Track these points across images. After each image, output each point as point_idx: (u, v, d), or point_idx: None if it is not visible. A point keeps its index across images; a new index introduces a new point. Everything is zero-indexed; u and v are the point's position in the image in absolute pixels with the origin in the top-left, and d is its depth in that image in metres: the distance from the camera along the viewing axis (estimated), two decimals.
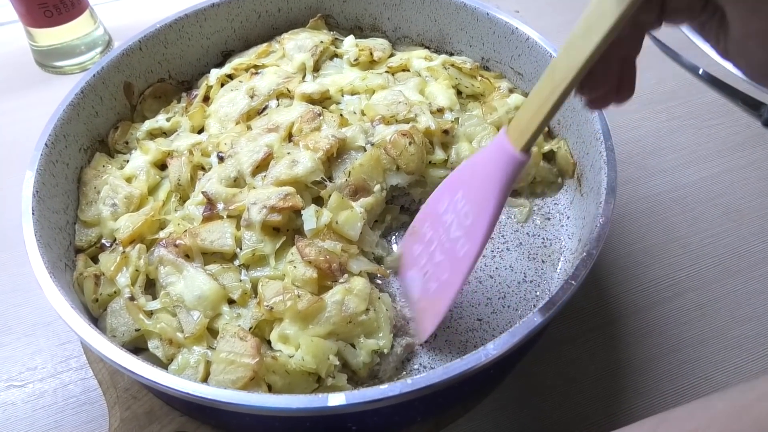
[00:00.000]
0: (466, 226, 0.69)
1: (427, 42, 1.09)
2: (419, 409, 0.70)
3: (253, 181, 0.80)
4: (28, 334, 0.87)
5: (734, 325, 0.87)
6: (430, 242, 0.77)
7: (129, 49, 0.92)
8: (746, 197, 1.02)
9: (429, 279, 0.76)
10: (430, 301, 0.76)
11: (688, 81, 1.22)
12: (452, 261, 0.72)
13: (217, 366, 0.66)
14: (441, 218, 0.74)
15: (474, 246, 0.68)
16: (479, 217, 0.67)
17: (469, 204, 0.68)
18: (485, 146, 0.67)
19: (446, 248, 0.73)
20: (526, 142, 0.60)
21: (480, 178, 0.66)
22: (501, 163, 0.63)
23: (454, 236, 0.71)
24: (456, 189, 0.72)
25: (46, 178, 0.78)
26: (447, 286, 0.72)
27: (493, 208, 0.65)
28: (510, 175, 0.63)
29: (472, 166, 0.69)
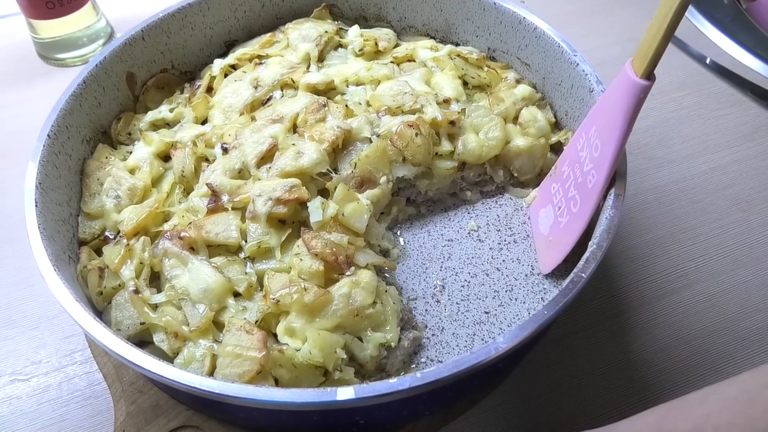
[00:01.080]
0: (596, 157, 0.72)
1: (432, 32, 1.07)
2: (428, 402, 0.70)
3: (257, 172, 0.79)
4: (33, 328, 0.87)
5: (744, 317, 0.86)
6: (567, 179, 0.80)
7: (131, 38, 0.91)
8: (756, 187, 1.01)
9: (562, 213, 0.80)
10: (561, 234, 0.79)
11: (697, 71, 1.21)
12: (583, 193, 0.75)
13: (224, 359, 0.66)
14: (578, 155, 0.77)
15: (602, 175, 0.71)
16: (606, 146, 0.70)
17: (600, 137, 0.71)
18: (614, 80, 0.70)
19: (579, 182, 0.76)
20: (646, 66, 0.63)
21: (609, 109, 0.70)
22: (625, 91, 0.66)
23: (587, 169, 0.74)
24: (590, 125, 0.75)
25: (49, 169, 0.77)
26: (577, 218, 0.76)
27: (619, 135, 0.68)
28: (634, 101, 0.66)
29: (604, 100, 0.72)
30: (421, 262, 0.86)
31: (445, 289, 0.83)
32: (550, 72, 0.93)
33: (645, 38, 0.63)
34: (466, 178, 0.91)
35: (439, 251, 0.87)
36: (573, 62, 0.86)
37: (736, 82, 1.18)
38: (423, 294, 0.83)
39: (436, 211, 0.93)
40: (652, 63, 0.63)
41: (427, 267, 0.86)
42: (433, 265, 0.86)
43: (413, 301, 0.82)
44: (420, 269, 0.85)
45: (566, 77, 0.89)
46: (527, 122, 0.90)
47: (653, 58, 0.63)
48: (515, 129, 0.91)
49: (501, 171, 0.92)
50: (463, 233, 0.89)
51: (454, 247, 0.88)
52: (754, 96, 1.15)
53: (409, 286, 0.84)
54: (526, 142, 0.89)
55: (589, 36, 1.28)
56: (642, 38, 0.64)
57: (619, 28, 1.30)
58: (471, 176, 0.91)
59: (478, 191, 0.93)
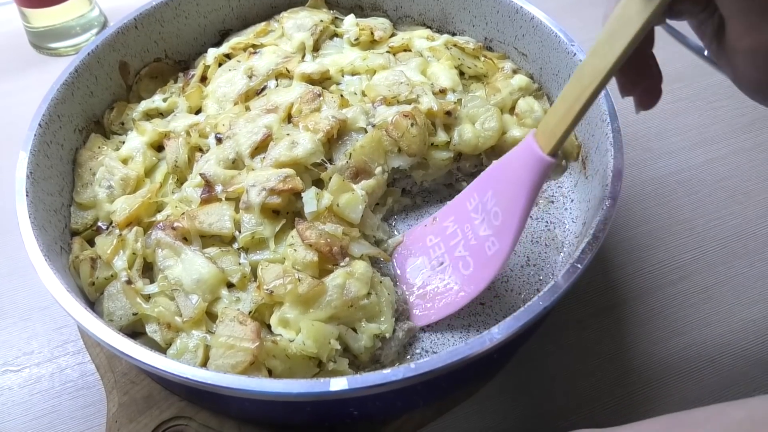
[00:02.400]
0: (496, 226, 0.70)
1: (429, 21, 1.06)
2: (422, 393, 0.69)
3: (252, 162, 0.79)
4: (24, 319, 0.86)
5: (740, 308, 0.86)
6: (452, 236, 0.78)
7: (124, 27, 0.90)
8: (753, 179, 1.01)
9: (444, 270, 0.78)
10: (441, 292, 0.77)
11: (694, 63, 1.20)
12: (479, 258, 0.73)
13: (217, 350, 0.65)
14: (468, 215, 0.75)
15: (505, 245, 0.69)
16: (509, 218, 0.68)
17: (499, 204, 0.70)
18: (514, 148, 0.68)
19: (472, 245, 0.74)
20: (554, 145, 0.61)
21: (509, 179, 0.68)
22: (529, 165, 0.64)
23: (483, 235, 0.73)
24: (486, 188, 0.73)
25: (41, 159, 0.76)
26: (470, 281, 0.75)
27: (522, 209, 0.66)
28: (538, 177, 0.64)
29: (502, 167, 0.70)
30: None
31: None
32: (547, 62, 0.92)
33: (552, 114, 0.60)
34: (462, 168, 0.91)
35: None
36: (570, 52, 0.86)
37: None
38: None
39: (431, 202, 0.92)
40: (560, 143, 0.61)
41: None
42: None
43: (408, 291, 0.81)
44: None
45: (563, 67, 0.88)
46: (524, 113, 0.89)
47: (562, 138, 0.60)
48: (512, 119, 0.90)
49: None
50: None
51: None
52: None
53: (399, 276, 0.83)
54: (523, 132, 0.88)
55: (586, 26, 1.26)
56: (548, 111, 0.62)
57: None
58: (467, 167, 0.90)
59: None
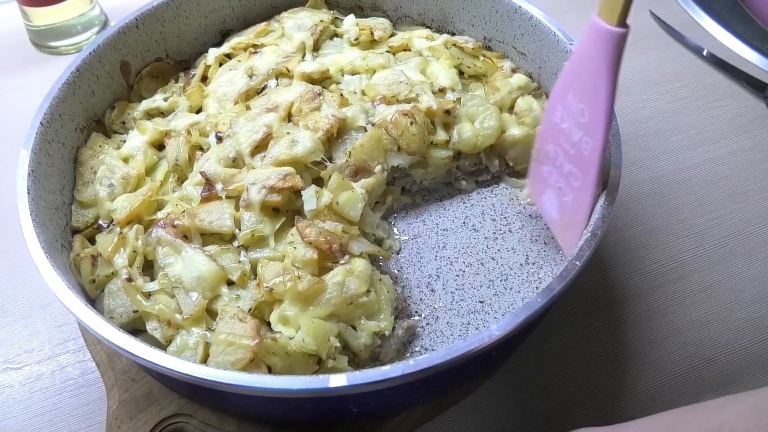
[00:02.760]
0: (584, 123, 0.67)
1: (428, 21, 1.07)
2: (421, 391, 0.69)
3: (252, 161, 0.79)
4: (25, 316, 0.86)
5: (738, 308, 0.86)
6: (555, 157, 0.74)
7: (125, 27, 0.91)
8: (751, 179, 1.01)
9: (563, 193, 0.75)
10: (571, 213, 0.74)
11: (693, 62, 1.20)
12: (581, 165, 0.70)
13: (217, 347, 0.66)
14: (559, 128, 0.72)
15: (598, 138, 0.66)
16: (595, 108, 0.65)
17: (582, 100, 0.66)
18: (582, 40, 0.65)
19: (572, 155, 0.71)
20: (620, 13, 0.59)
21: (585, 69, 0.64)
22: (601, 44, 0.61)
23: (576, 139, 0.69)
24: (566, 92, 0.69)
25: (42, 157, 0.76)
26: (582, 191, 0.71)
27: (607, 92, 0.63)
28: (614, 52, 0.61)
29: (575, 64, 0.67)
30: (416, 251, 0.86)
31: (440, 278, 0.83)
32: (545, 61, 0.92)
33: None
34: (462, 167, 0.91)
35: (434, 240, 0.87)
36: (569, 51, 0.86)
37: (733, 73, 1.17)
38: (418, 283, 0.82)
39: (431, 201, 0.92)
40: (626, 8, 0.59)
41: (422, 256, 0.85)
42: (428, 254, 0.86)
43: (408, 290, 0.82)
44: (415, 258, 0.85)
45: (562, 66, 0.88)
46: (523, 111, 0.90)
47: (626, 4, 0.58)
48: (511, 118, 0.90)
49: (496, 160, 0.91)
50: (458, 222, 0.89)
51: (449, 237, 0.87)
52: (751, 88, 1.15)
53: (403, 275, 0.83)
54: (522, 131, 0.89)
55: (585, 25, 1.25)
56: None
57: None
58: (466, 165, 0.91)
59: (473, 181, 0.93)
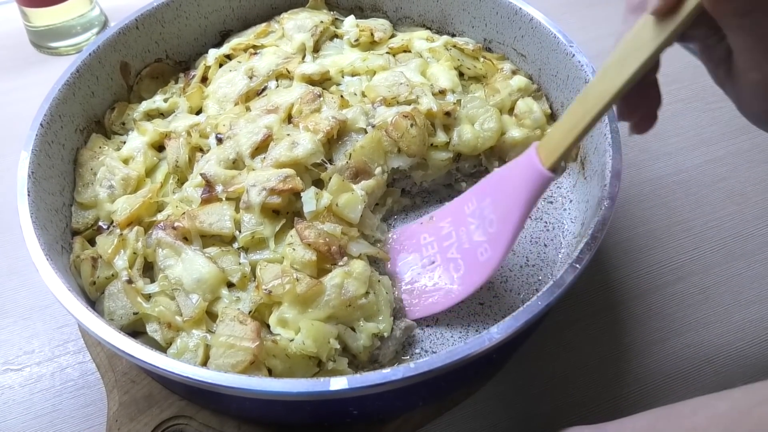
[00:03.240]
0: (490, 233, 0.71)
1: (428, 23, 1.07)
2: (421, 393, 0.69)
3: (252, 162, 0.79)
4: (25, 318, 0.86)
5: (737, 309, 0.86)
6: (446, 237, 0.78)
7: (125, 27, 0.91)
8: (750, 180, 1.01)
9: (433, 269, 0.78)
10: (430, 291, 0.78)
11: (692, 63, 1.20)
12: (470, 263, 0.74)
13: (217, 350, 0.66)
14: (465, 218, 0.76)
15: (497, 253, 0.70)
16: (503, 228, 0.69)
17: (495, 212, 0.70)
18: (516, 158, 0.69)
19: (465, 249, 0.75)
20: (555, 161, 0.62)
21: (508, 189, 0.68)
22: (528, 178, 0.65)
23: (477, 240, 0.73)
24: (485, 195, 0.73)
25: (42, 158, 0.76)
26: (460, 283, 0.75)
27: (517, 220, 0.67)
28: (536, 190, 0.65)
29: (502, 176, 0.71)
30: None
31: None
32: (546, 63, 0.92)
33: (556, 129, 0.61)
34: (462, 169, 0.91)
35: None
36: (569, 53, 0.86)
37: None
38: None
39: (431, 202, 0.92)
40: (561, 159, 0.61)
41: None
42: None
43: None
44: None
45: (562, 68, 0.89)
46: (523, 113, 0.90)
47: (562, 155, 0.61)
48: (511, 120, 0.90)
49: (496, 162, 0.91)
50: None
51: None
52: None
53: None
54: (522, 133, 0.89)
55: (585, 27, 1.28)
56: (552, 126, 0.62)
57: (615, 19, 1.27)
58: (466, 167, 0.91)
59: (473, 182, 0.92)
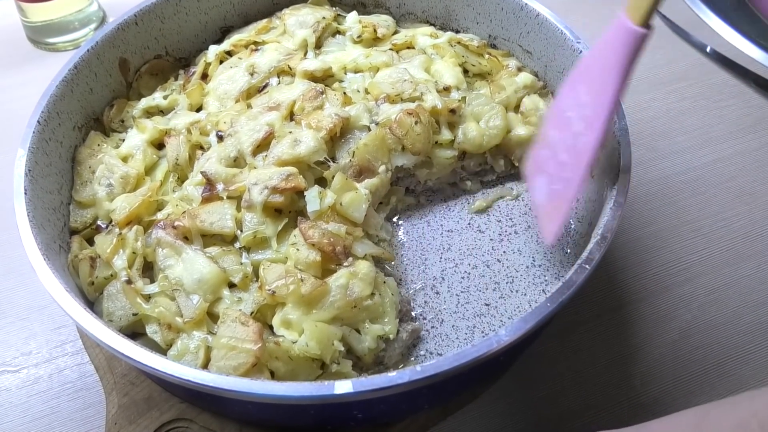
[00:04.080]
0: (587, 116, 0.66)
1: (432, 19, 1.05)
2: (427, 396, 0.68)
3: (253, 161, 0.78)
4: (23, 318, 0.85)
5: (747, 311, 0.85)
6: (555, 143, 0.73)
7: (124, 23, 0.89)
8: (759, 180, 1.00)
9: (553, 180, 0.73)
10: (557, 202, 0.73)
11: (699, 61, 1.19)
12: (574, 156, 0.69)
13: (218, 352, 0.64)
14: (565, 115, 0.71)
15: (594, 133, 0.64)
16: (599, 103, 0.64)
17: (590, 93, 0.65)
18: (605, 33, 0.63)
19: (569, 145, 0.70)
20: (645, 13, 0.58)
21: (600, 63, 0.64)
22: (620, 40, 0.60)
23: (577, 130, 0.68)
24: (577, 82, 0.69)
25: (39, 156, 0.75)
26: (569, 183, 0.70)
27: (614, 89, 0.62)
28: (631, 50, 0.60)
29: (592, 56, 0.66)
30: (421, 253, 0.85)
31: (445, 280, 0.81)
32: (552, 60, 0.91)
33: None
34: (467, 167, 0.90)
35: (439, 242, 0.86)
36: (576, 50, 0.85)
37: (739, 72, 1.16)
38: (422, 285, 0.81)
39: (435, 201, 0.91)
40: (652, 9, 0.58)
41: (427, 258, 0.84)
42: (433, 256, 0.84)
43: (412, 292, 0.80)
44: (419, 260, 0.84)
45: (569, 65, 0.87)
46: (529, 111, 0.89)
47: (653, 3, 0.57)
48: (516, 118, 0.89)
49: (502, 160, 0.90)
50: (463, 224, 0.88)
51: (454, 238, 0.86)
52: (757, 87, 1.13)
53: (408, 278, 0.82)
54: (528, 131, 0.87)
55: (591, 23, 1.26)
56: None
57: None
58: (471, 166, 0.90)
59: (478, 181, 0.91)
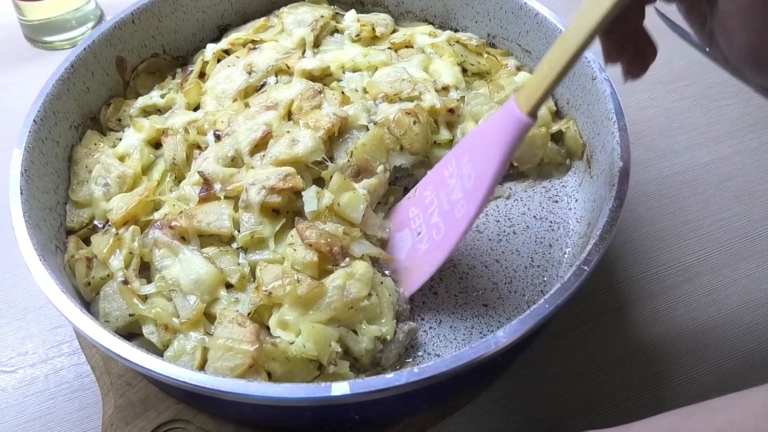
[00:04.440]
0: (468, 188, 0.70)
1: (431, 17, 1.05)
2: (425, 398, 0.68)
3: (251, 160, 0.77)
4: (19, 318, 0.85)
5: (746, 311, 0.84)
6: (429, 204, 0.77)
7: (121, 21, 0.89)
8: (758, 180, 0.99)
9: (421, 239, 0.77)
10: (419, 261, 0.76)
11: (699, 60, 1.19)
12: (448, 223, 0.72)
13: (215, 353, 0.64)
14: (445, 182, 0.74)
15: (472, 207, 0.69)
16: (480, 179, 0.67)
17: (474, 167, 0.69)
18: (495, 113, 0.68)
19: (445, 211, 0.73)
20: (533, 105, 0.61)
21: (486, 141, 0.67)
22: (507, 125, 0.64)
23: (455, 199, 0.72)
24: (463, 153, 0.72)
25: (35, 156, 0.74)
26: (439, 246, 0.73)
27: (495, 169, 0.66)
28: (514, 137, 0.64)
29: (480, 132, 0.70)
30: None
31: (443, 281, 0.81)
32: None
33: (534, 75, 0.61)
34: None
35: None
36: None
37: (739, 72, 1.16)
38: None
39: None
40: (539, 102, 0.61)
41: None
42: None
43: None
44: None
45: None
46: None
47: (541, 98, 0.61)
48: None
49: None
50: None
51: None
52: (756, 86, 1.13)
53: None
54: None
55: None
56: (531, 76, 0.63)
57: None
58: None
59: None
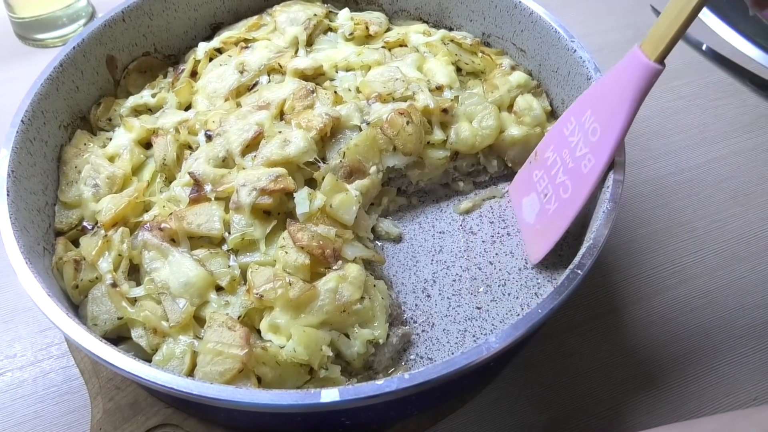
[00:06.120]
0: (593, 142, 0.70)
1: (425, 16, 1.04)
2: (416, 403, 0.67)
3: (242, 161, 0.76)
4: (7, 321, 0.84)
5: (742, 313, 0.84)
6: (552, 165, 0.77)
7: (111, 20, 0.88)
8: (754, 180, 0.99)
9: (549, 200, 0.77)
10: (549, 222, 0.77)
11: (695, 60, 1.18)
12: (575, 179, 0.73)
13: (204, 357, 0.63)
14: (566, 140, 0.75)
15: (602, 160, 0.69)
16: (608, 130, 0.68)
17: (598, 120, 0.69)
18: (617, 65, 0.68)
19: (570, 168, 0.74)
20: (662, 51, 0.62)
21: (611, 93, 0.67)
22: (635, 74, 0.64)
23: (580, 155, 0.72)
24: (584, 109, 0.72)
25: (23, 156, 0.73)
26: (569, 204, 0.73)
27: (624, 119, 0.66)
28: (645, 84, 0.64)
29: (602, 85, 0.70)
30: (412, 255, 0.84)
31: (436, 283, 0.80)
32: (546, 58, 0.90)
33: (660, 21, 0.61)
34: (459, 168, 0.89)
35: (430, 244, 0.85)
36: (570, 48, 0.83)
37: (735, 71, 1.15)
38: (413, 288, 0.80)
39: (427, 202, 0.90)
40: (669, 47, 0.62)
41: (418, 260, 0.83)
42: (424, 258, 0.83)
43: (402, 295, 0.79)
44: (410, 262, 0.83)
45: (563, 64, 0.86)
46: (522, 110, 0.87)
47: (670, 43, 0.61)
48: (510, 117, 0.88)
49: (495, 161, 0.89)
50: (455, 225, 0.87)
51: (446, 240, 0.85)
52: (754, 86, 1.13)
53: (398, 280, 0.81)
54: (521, 131, 0.86)
55: (586, 21, 1.25)
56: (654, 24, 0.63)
57: (617, 13, 1.28)
58: (464, 166, 0.89)
59: (471, 182, 0.90)
